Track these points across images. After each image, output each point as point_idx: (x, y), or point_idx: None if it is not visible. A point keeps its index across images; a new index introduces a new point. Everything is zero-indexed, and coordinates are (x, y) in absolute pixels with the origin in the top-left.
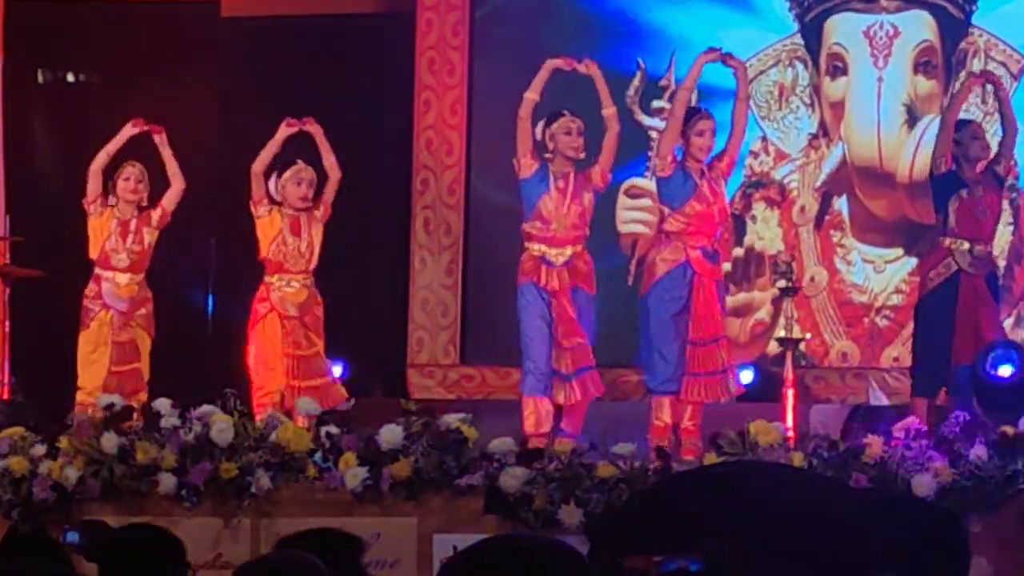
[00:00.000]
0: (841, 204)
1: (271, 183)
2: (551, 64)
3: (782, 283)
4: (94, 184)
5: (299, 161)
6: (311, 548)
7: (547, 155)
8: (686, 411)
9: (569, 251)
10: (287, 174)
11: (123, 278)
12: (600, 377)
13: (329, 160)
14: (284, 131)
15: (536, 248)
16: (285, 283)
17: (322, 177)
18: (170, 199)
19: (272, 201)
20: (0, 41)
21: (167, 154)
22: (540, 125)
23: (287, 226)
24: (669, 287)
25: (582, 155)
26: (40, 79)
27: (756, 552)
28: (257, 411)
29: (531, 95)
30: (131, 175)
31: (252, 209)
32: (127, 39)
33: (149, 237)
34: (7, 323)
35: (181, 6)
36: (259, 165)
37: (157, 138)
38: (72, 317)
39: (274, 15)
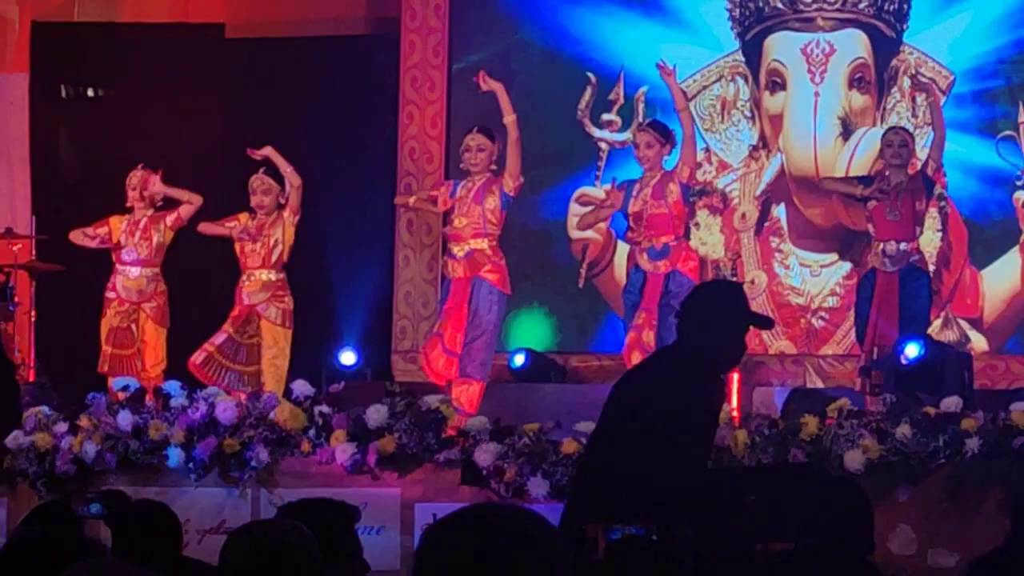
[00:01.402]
0: (779, 211)
1: None
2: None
3: None
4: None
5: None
6: (309, 515)
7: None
8: None
9: (468, 247)
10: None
11: (134, 271)
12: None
13: (286, 169)
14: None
15: (449, 245)
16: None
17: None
18: (187, 210)
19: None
20: (27, 60)
21: (173, 191)
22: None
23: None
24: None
25: (490, 167)
26: (63, 94)
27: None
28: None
29: (411, 200)
30: (134, 182)
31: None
32: (141, 58)
33: (159, 237)
34: (33, 312)
35: (190, 28)
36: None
37: (156, 181)
38: (90, 308)
39: (273, 36)
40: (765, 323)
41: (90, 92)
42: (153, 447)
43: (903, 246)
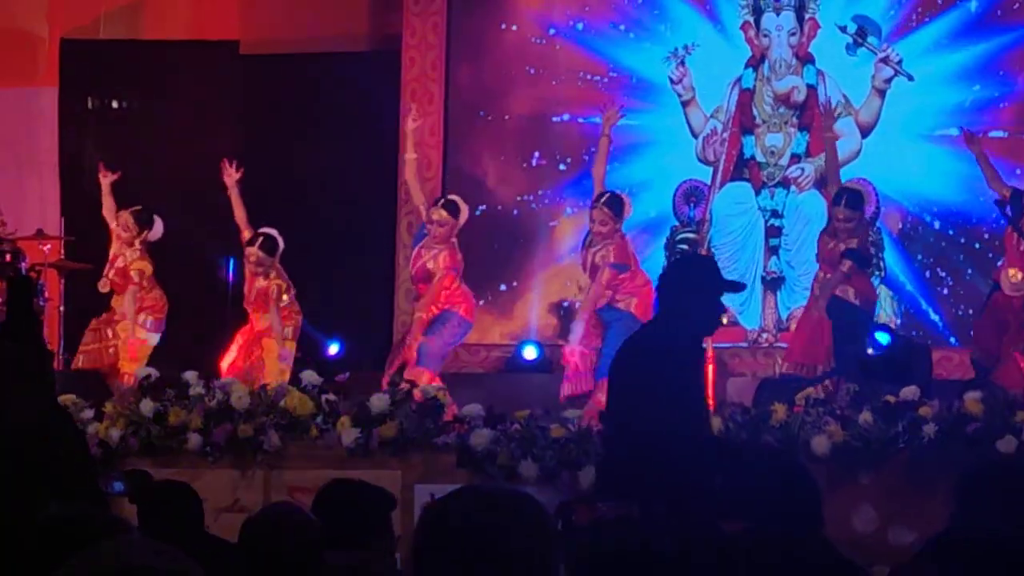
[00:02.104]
0: None
1: None
2: (413, 125)
3: None
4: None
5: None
6: (349, 497)
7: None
8: None
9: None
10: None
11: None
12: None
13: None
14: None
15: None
16: None
17: None
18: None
19: None
20: (56, 74)
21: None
22: None
23: None
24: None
25: (451, 238)
26: (89, 105)
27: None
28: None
29: (409, 155)
30: (126, 222)
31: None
32: (162, 72)
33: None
34: (61, 307)
35: (206, 45)
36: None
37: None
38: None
39: (284, 53)
40: (736, 287)
41: (114, 104)
42: (172, 432)
43: None
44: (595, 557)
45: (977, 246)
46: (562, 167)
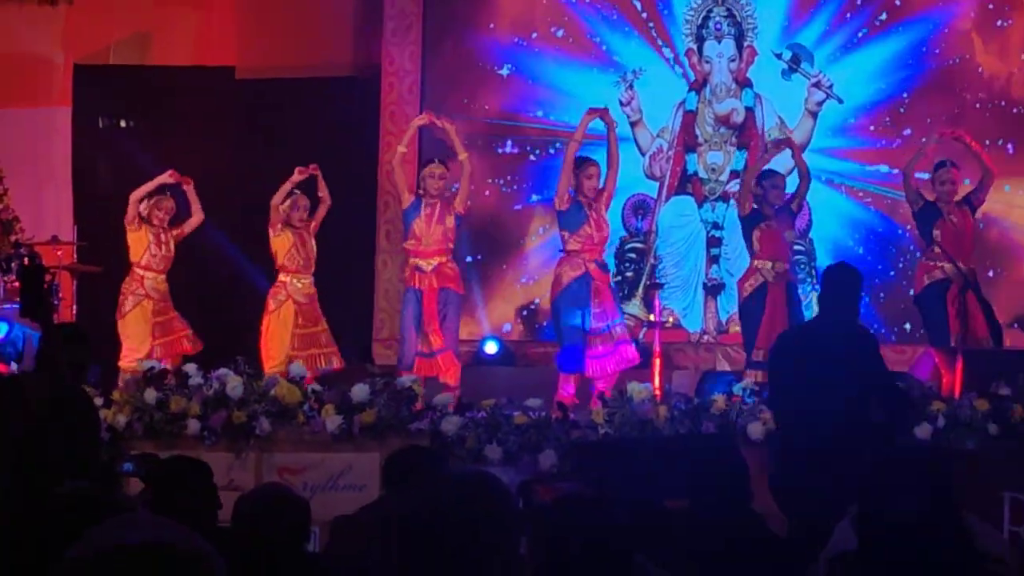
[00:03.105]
0: None
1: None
2: (416, 121)
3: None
4: (133, 210)
5: (296, 191)
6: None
7: (419, 191)
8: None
9: (435, 261)
10: (289, 201)
11: (160, 277)
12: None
13: (323, 192)
14: (297, 175)
15: (412, 260)
16: (297, 280)
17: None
18: (191, 224)
19: (284, 224)
20: (70, 96)
21: (194, 196)
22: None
23: (296, 240)
24: (575, 292)
25: (446, 192)
26: (100, 124)
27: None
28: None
29: (401, 148)
30: (165, 206)
31: (270, 230)
32: (165, 95)
33: (171, 250)
34: (74, 307)
35: (206, 71)
36: (277, 198)
37: (187, 187)
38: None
39: (276, 78)
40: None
41: (123, 123)
42: (173, 418)
43: (784, 265)
44: (553, 531)
45: (893, 250)
46: (532, 158)
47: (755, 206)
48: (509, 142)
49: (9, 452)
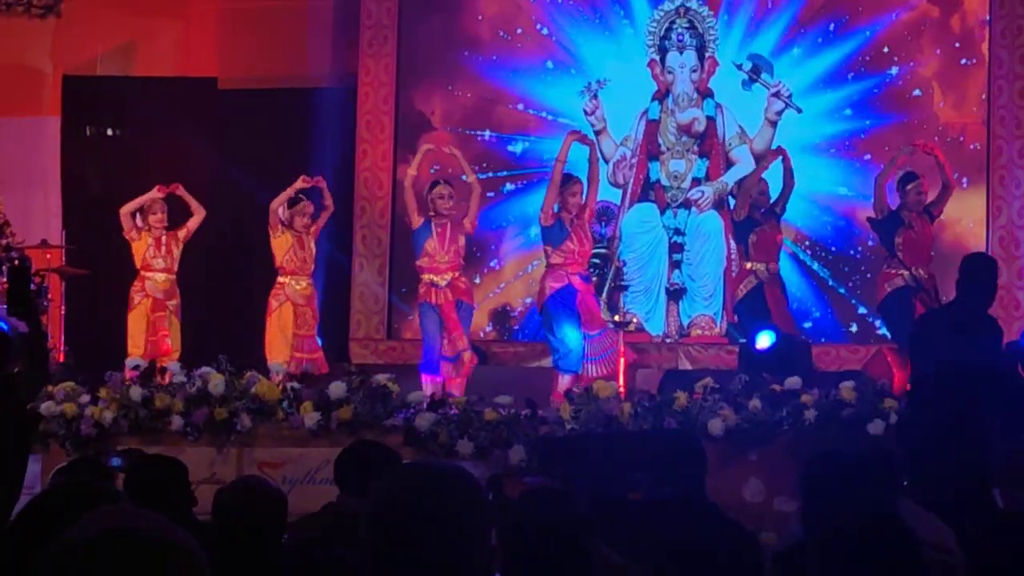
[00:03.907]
0: None
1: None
2: (425, 147)
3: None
4: (126, 222)
5: (303, 198)
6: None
7: (430, 213)
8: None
9: (449, 276)
10: (296, 207)
11: (160, 277)
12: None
13: (327, 201)
14: (301, 183)
15: (427, 277)
16: (295, 282)
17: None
18: (195, 222)
19: (284, 225)
20: (59, 106)
21: (188, 197)
22: (426, 190)
23: (296, 242)
24: (563, 299)
25: (454, 212)
26: (88, 133)
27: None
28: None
29: (411, 171)
30: (158, 209)
31: (270, 232)
32: (150, 104)
33: (176, 250)
34: (63, 308)
35: (189, 81)
36: (276, 203)
37: (179, 191)
38: (110, 304)
39: (256, 88)
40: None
41: (109, 132)
42: (158, 414)
43: (776, 266)
44: (522, 522)
45: (855, 253)
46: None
47: (747, 211)
48: (483, 140)
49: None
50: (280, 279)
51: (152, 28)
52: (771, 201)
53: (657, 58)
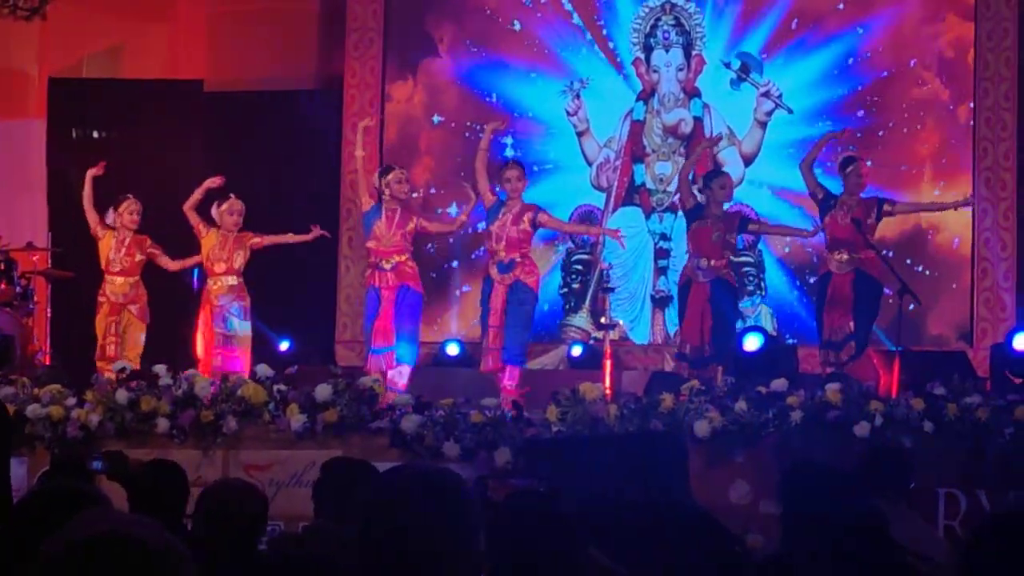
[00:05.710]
0: None
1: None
2: (363, 124)
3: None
4: (90, 217)
5: (232, 195)
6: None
7: (381, 196)
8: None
9: (395, 259)
10: (224, 207)
11: (118, 280)
12: (394, 356)
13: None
14: (208, 183)
15: (372, 259)
16: (213, 282)
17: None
18: (163, 261)
19: (209, 225)
20: (45, 108)
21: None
22: (377, 174)
23: (220, 242)
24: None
25: (407, 198)
26: (74, 135)
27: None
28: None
29: (359, 152)
30: (133, 209)
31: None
32: (136, 106)
33: (140, 256)
34: (48, 310)
35: (175, 84)
36: (188, 204)
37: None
38: (92, 308)
39: (243, 90)
40: None
41: (95, 134)
42: (144, 417)
43: (712, 262)
44: (507, 524)
45: None
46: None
47: (701, 203)
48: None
49: None
50: (208, 280)
51: (139, 31)
52: (737, 205)
53: (642, 56)
